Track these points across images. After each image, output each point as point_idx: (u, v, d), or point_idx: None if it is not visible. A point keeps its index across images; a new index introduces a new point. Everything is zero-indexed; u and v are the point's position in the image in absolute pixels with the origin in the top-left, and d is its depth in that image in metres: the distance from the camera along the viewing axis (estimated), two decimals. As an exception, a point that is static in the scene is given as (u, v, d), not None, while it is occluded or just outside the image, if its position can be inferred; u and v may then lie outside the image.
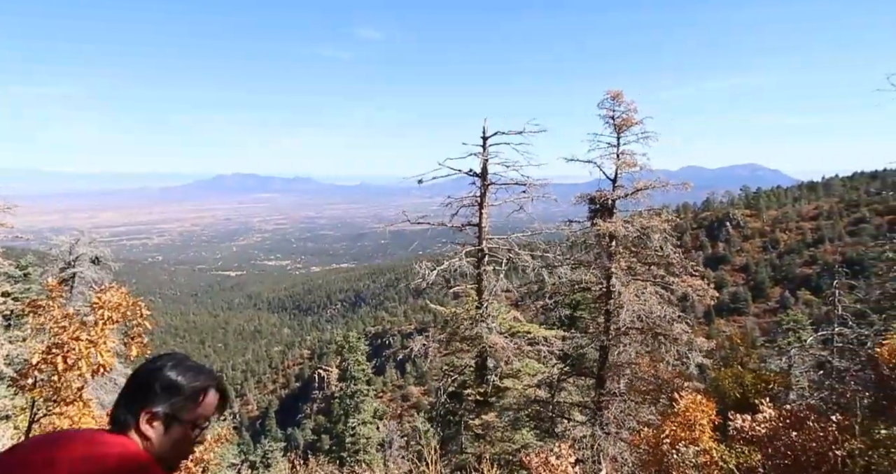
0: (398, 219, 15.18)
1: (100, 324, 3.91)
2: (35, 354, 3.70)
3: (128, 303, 4.14)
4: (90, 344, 3.70)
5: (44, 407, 3.93)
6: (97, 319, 3.98)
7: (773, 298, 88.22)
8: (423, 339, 14.51)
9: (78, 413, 3.73)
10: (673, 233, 13.30)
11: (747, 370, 10.66)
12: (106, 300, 4.02)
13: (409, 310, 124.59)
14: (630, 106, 13.08)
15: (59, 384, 3.81)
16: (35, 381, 3.80)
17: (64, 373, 3.68)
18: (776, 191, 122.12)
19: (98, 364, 3.80)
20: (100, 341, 3.78)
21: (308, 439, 61.66)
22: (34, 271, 18.24)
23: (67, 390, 3.83)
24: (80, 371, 3.69)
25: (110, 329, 3.96)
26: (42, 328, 4.03)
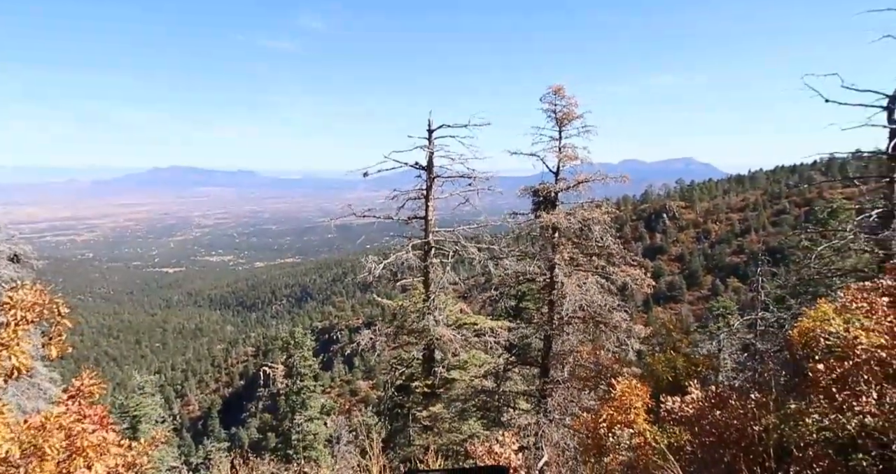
0: (344, 212, 14.99)
1: (12, 325, 3.66)
2: (-61, 359, 3.42)
3: (45, 302, 3.89)
4: (1, 346, 3.45)
5: (-48, 415, 3.64)
6: (9, 320, 3.72)
7: (706, 286, 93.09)
8: (370, 333, 14.44)
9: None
10: (613, 225, 13.73)
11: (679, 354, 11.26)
12: (19, 299, 3.76)
13: (357, 304, 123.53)
14: (571, 100, 13.36)
15: (-31, 390, 3.55)
16: (-60, 388, 3.52)
17: (-27, 379, 3.42)
18: (708, 185, 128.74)
19: (12, 367, 3.56)
20: (12, 343, 3.53)
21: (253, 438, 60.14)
22: (-56, 270, 16.83)
23: (-22, 396, 3.57)
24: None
25: (24, 330, 3.71)
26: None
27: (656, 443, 5.49)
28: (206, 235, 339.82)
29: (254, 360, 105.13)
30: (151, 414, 20.29)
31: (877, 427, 4.00)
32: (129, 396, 20.76)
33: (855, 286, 5.42)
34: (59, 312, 3.89)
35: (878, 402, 4.13)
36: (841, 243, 12.33)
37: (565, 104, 13.52)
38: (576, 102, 13.60)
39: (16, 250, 16.68)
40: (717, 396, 5.42)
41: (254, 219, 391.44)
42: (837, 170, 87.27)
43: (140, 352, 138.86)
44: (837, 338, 4.47)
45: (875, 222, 11.64)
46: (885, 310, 4.50)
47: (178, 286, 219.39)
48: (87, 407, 4.70)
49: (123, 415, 19.64)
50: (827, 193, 78.02)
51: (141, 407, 20.01)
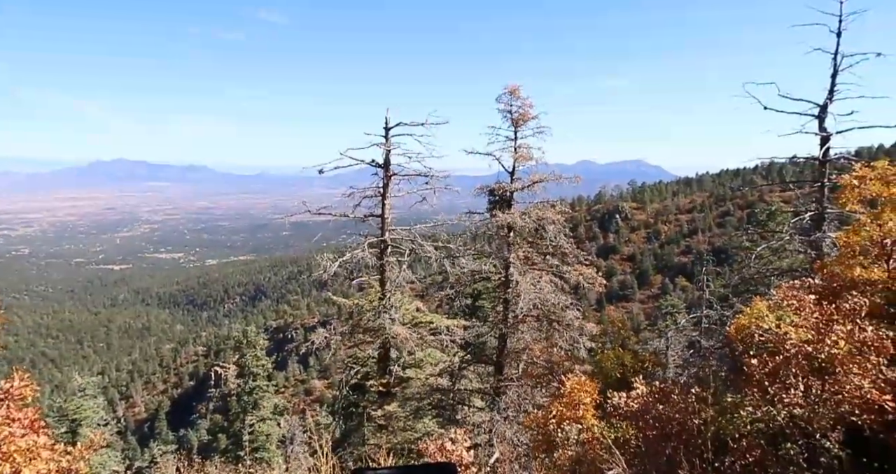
0: (299, 209, 14.73)
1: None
2: None
3: (-26, 301, 3.68)
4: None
5: None
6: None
7: (656, 285, 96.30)
8: (325, 332, 14.26)
9: None
10: (567, 225, 14.01)
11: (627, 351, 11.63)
12: (-55, 298, 3.55)
13: (313, 302, 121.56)
14: (526, 101, 13.56)
15: None
16: None
17: None
18: (658, 186, 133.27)
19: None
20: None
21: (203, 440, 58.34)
22: None
23: None
24: None
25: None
26: None
27: (603, 438, 5.67)
28: (155, 231, 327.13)
29: (204, 360, 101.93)
30: (93, 418, 19.40)
31: (803, 417, 4.27)
32: (69, 399, 19.78)
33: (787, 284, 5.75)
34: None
35: (805, 394, 4.40)
36: (778, 244, 13.02)
37: (521, 105, 13.70)
38: (531, 103, 13.81)
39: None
40: (661, 391, 5.64)
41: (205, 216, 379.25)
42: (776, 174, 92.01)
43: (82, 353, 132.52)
44: (770, 334, 4.73)
45: (808, 224, 12.36)
46: (812, 307, 4.80)
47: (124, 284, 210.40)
48: (16, 410, 4.47)
49: (62, 419, 18.71)
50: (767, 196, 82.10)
51: (81, 410, 19.10)
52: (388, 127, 13.88)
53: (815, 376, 4.38)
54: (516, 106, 13.62)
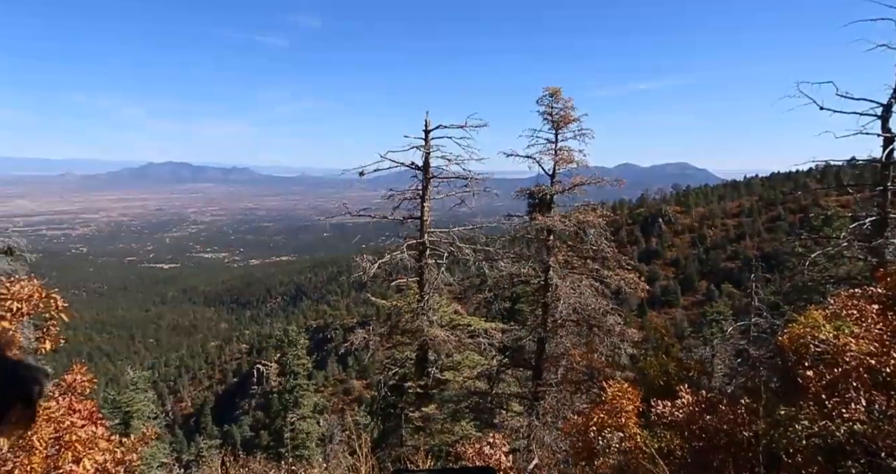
0: (340, 211, 14.98)
1: (8, 317, 3.66)
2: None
3: (40, 295, 3.89)
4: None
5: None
6: (5, 312, 3.72)
7: (701, 291, 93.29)
8: (364, 333, 14.42)
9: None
10: (608, 228, 13.77)
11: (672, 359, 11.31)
12: (15, 292, 3.76)
13: (352, 303, 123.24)
14: (567, 103, 13.41)
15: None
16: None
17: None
18: (704, 190, 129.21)
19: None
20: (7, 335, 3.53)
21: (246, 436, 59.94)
22: (-64, 263, 16.72)
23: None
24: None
25: (18, 322, 3.71)
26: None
27: (647, 447, 5.52)
28: (202, 232, 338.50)
29: (247, 358, 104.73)
30: (144, 411, 20.20)
31: (866, 434, 4.04)
32: (122, 392, 20.66)
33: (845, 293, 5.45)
34: (56, 306, 3.89)
35: (867, 409, 4.16)
36: (835, 250, 12.41)
37: (562, 107, 13.57)
38: (572, 105, 13.66)
39: (9, 243, 16.61)
40: (708, 401, 5.45)
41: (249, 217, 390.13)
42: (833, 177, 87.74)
43: (133, 348, 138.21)
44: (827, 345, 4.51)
45: (868, 230, 11.73)
46: (875, 318, 4.54)
47: (172, 282, 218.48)
48: (77, 402, 4.69)
49: (115, 411, 19.54)
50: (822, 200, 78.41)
51: (133, 402, 19.92)
52: (427, 129, 13.96)
53: (879, 391, 4.14)
54: (557, 108, 13.49)
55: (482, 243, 14.86)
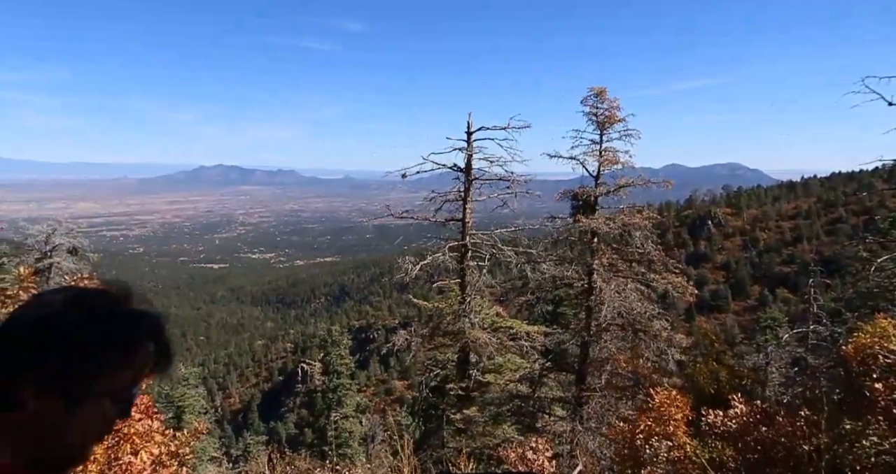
0: (382, 213, 15.14)
1: (72, 315, 3.84)
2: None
3: (101, 295, 4.06)
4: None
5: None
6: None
7: (753, 296, 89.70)
8: (406, 334, 14.53)
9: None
10: (654, 231, 13.43)
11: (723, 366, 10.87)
12: (78, 291, 3.95)
13: (394, 304, 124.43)
14: (613, 103, 13.15)
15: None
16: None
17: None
18: (756, 191, 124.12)
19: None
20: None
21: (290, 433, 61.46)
22: (8, 261, 17.84)
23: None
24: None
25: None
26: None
27: (697, 458, 5.32)
28: (250, 233, 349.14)
29: (292, 357, 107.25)
30: (195, 405, 20.96)
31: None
32: (174, 387, 21.50)
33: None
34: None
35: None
36: (903, 255, 11.67)
37: (607, 107, 13.32)
38: (618, 105, 13.39)
39: (74, 243, 17.59)
40: (763, 411, 5.19)
41: (295, 218, 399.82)
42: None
43: (185, 345, 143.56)
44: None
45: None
46: (952, 328, 4.23)
47: (222, 282, 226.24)
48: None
49: (168, 405, 20.36)
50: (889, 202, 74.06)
51: (185, 398, 20.70)
52: (469, 131, 13.94)
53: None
54: (602, 108, 13.24)
55: (524, 245, 14.72)
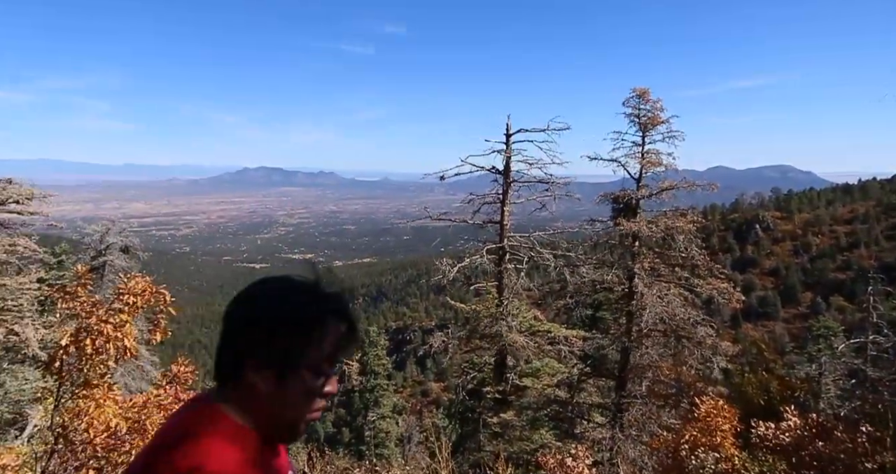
0: (420, 215, 15.25)
1: (125, 310, 4.00)
2: (65, 337, 3.80)
3: (152, 291, 4.22)
4: (116, 328, 3.79)
5: (70, 389, 4.04)
6: (122, 306, 4.07)
7: (804, 303, 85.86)
8: (443, 336, 14.57)
9: (102, 396, 3.83)
10: (699, 235, 13.09)
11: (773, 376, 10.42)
12: (131, 287, 4.11)
13: (431, 306, 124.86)
14: (656, 104, 12.89)
15: (86, 367, 3.92)
16: (62, 364, 3.91)
17: (91, 357, 3.78)
18: (809, 194, 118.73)
19: (124, 348, 3.89)
20: (125, 327, 3.87)
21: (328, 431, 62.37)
22: (67, 259, 18.79)
23: (93, 373, 3.94)
24: (106, 355, 3.79)
25: (134, 315, 4.05)
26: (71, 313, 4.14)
27: (746, 471, 5.11)
28: (290, 233, 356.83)
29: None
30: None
31: None
32: (218, 383, 22.11)
33: None
34: (164, 301, 4.20)
35: None
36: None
37: (650, 108, 13.07)
38: (661, 106, 13.12)
39: (126, 242, 18.35)
40: (820, 425, 4.94)
41: (333, 219, 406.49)
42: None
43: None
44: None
45: None
46: None
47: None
48: (181, 391, 5.06)
49: (211, 401, 20.95)
50: (953, 206, 69.72)
51: (227, 393, 21.28)
52: (508, 133, 13.89)
53: None
54: (645, 109, 12.99)
55: (563, 248, 14.55)
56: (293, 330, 1.08)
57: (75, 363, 4.00)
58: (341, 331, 1.13)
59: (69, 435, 3.75)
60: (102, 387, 3.90)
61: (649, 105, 12.92)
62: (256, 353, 1.07)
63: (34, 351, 11.95)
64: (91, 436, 3.64)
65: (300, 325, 1.09)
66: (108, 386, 3.92)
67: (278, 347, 1.07)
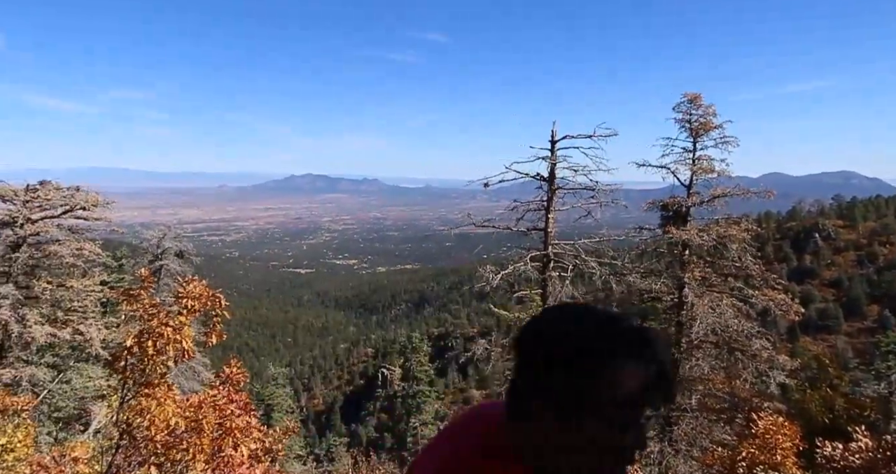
0: (463, 221, 15.26)
1: (184, 313, 4.17)
2: (129, 338, 3.99)
3: (208, 295, 4.38)
4: (175, 331, 3.95)
5: (133, 388, 4.23)
6: (181, 309, 4.24)
7: (870, 317, 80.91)
8: (486, 343, 14.49)
9: (163, 395, 3.99)
10: (753, 244, 12.62)
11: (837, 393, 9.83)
12: (189, 291, 4.28)
13: (473, 313, 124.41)
14: (708, 109, 12.53)
15: (147, 367, 4.10)
16: (126, 364, 4.10)
17: (152, 358, 3.95)
18: (875, 201, 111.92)
19: (182, 350, 4.05)
20: (183, 329, 4.03)
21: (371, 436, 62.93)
22: (127, 263, 19.76)
23: (154, 373, 4.11)
24: (166, 355, 3.95)
25: (191, 318, 4.21)
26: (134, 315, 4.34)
27: (809, 493, 4.84)
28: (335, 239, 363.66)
29: (373, 361, 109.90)
30: (283, 404, 22.03)
31: None
32: (265, 386, 22.72)
33: None
34: (220, 305, 4.35)
35: None
36: None
37: (702, 113, 12.72)
38: (714, 111, 12.76)
39: (181, 247, 19.14)
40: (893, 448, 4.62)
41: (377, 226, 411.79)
42: None
43: (274, 346, 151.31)
44: None
45: None
46: None
47: (308, 286, 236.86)
48: (234, 392, 5.22)
49: (259, 403, 21.53)
50: None
51: (274, 396, 21.82)
52: (553, 140, 13.75)
53: None
54: (696, 115, 12.65)
55: (609, 256, 14.26)
56: (574, 365, 0.90)
57: (137, 363, 4.19)
58: (645, 375, 0.89)
59: (132, 431, 3.92)
60: (163, 387, 4.07)
61: (701, 110, 12.59)
62: (537, 388, 0.93)
63: (97, 350, 12.58)
64: (152, 434, 3.80)
65: (584, 361, 0.89)
66: (167, 386, 4.09)
67: (567, 387, 0.89)
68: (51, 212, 12.46)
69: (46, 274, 12.40)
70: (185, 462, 3.83)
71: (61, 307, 12.47)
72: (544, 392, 0.91)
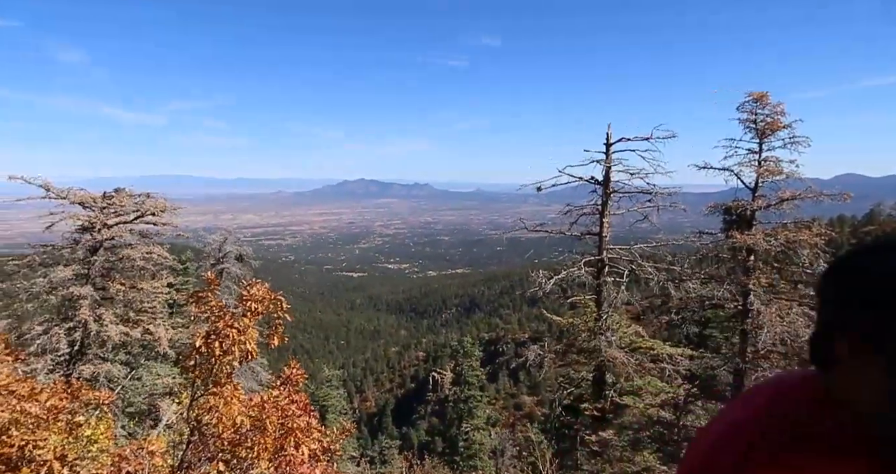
0: (515, 226, 15.16)
1: (247, 315, 4.34)
2: (198, 339, 4.19)
3: (270, 297, 4.54)
4: (240, 333, 4.12)
5: (201, 386, 4.44)
6: (244, 311, 4.42)
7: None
8: (538, 349, 14.31)
9: (230, 394, 4.17)
10: (826, 249, 11.89)
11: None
12: (253, 293, 4.45)
13: (524, 318, 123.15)
14: (776, 108, 11.94)
15: (215, 367, 4.28)
16: (196, 363, 4.31)
17: (219, 358, 4.13)
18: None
19: (246, 351, 4.22)
20: (247, 331, 4.20)
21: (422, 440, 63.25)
22: (191, 266, 20.75)
23: (221, 373, 4.30)
24: (232, 356, 4.13)
25: (254, 320, 4.38)
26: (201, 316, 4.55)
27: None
28: (386, 244, 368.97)
29: (424, 365, 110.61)
30: (336, 406, 22.50)
31: None
32: (319, 387, 23.26)
33: None
34: (281, 307, 4.50)
35: None
36: None
37: (769, 112, 12.14)
38: (782, 110, 12.14)
39: (241, 251, 19.91)
40: None
41: (428, 230, 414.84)
42: None
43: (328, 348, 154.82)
44: None
45: None
46: None
47: (360, 290, 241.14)
48: (294, 393, 5.37)
49: (314, 404, 22.02)
50: None
51: (329, 398, 22.32)
52: (608, 142, 13.49)
53: None
54: (763, 114, 12.09)
55: (667, 262, 13.81)
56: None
57: (205, 363, 4.39)
58: None
59: (202, 428, 4.12)
60: (229, 386, 4.25)
61: (767, 109, 12.02)
62: (857, 333, 0.81)
63: (164, 349, 13.26)
64: (220, 431, 3.97)
65: None
66: (234, 386, 4.27)
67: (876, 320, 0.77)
68: (124, 218, 13.23)
69: (120, 276, 13.17)
70: (251, 459, 3.99)
71: (133, 308, 13.21)
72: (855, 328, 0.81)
